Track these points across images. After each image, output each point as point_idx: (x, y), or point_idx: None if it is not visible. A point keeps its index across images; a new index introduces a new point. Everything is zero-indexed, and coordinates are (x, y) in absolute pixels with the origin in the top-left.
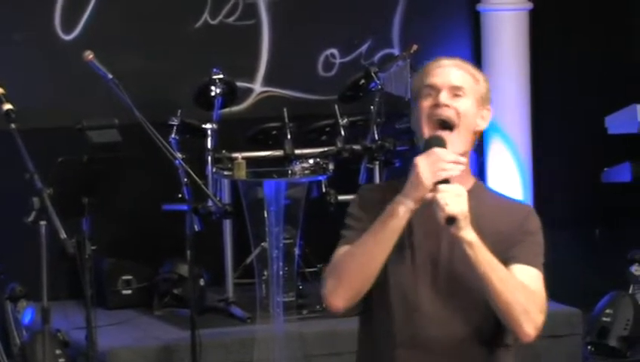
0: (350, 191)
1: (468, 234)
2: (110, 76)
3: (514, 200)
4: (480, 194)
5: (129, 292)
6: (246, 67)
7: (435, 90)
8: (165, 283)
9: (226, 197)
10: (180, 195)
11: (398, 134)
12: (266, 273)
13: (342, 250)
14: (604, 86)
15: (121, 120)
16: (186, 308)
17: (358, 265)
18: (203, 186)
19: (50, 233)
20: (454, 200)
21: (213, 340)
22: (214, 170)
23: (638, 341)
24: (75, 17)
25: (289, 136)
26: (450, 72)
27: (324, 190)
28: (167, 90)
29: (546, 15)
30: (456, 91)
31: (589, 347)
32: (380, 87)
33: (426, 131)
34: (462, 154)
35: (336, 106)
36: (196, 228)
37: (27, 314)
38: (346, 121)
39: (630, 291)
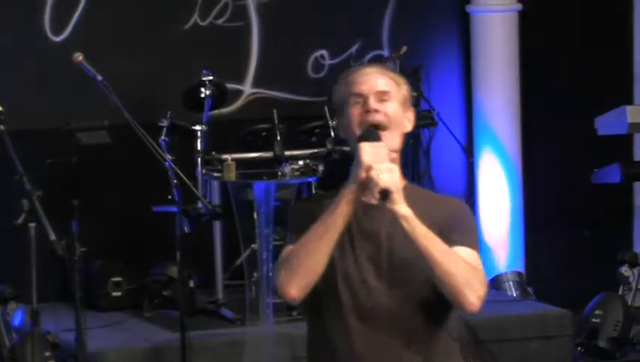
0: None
1: (402, 208)
2: (100, 78)
3: (445, 195)
4: (413, 192)
5: (119, 294)
6: (236, 69)
7: (363, 97)
8: (155, 285)
9: (216, 199)
10: (169, 197)
11: None
12: (255, 274)
13: (288, 249)
14: (593, 87)
15: (110, 121)
16: (175, 310)
17: (309, 251)
18: (193, 188)
19: (40, 235)
20: (387, 175)
21: (203, 342)
22: (204, 171)
23: (628, 342)
24: (65, 19)
25: (279, 138)
26: (374, 79)
27: (314, 191)
28: (156, 91)
29: (535, 16)
30: (382, 96)
31: (578, 348)
32: None
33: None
34: (391, 153)
35: (325, 108)
36: (186, 229)
37: (17, 316)
38: (335, 122)
39: (620, 292)
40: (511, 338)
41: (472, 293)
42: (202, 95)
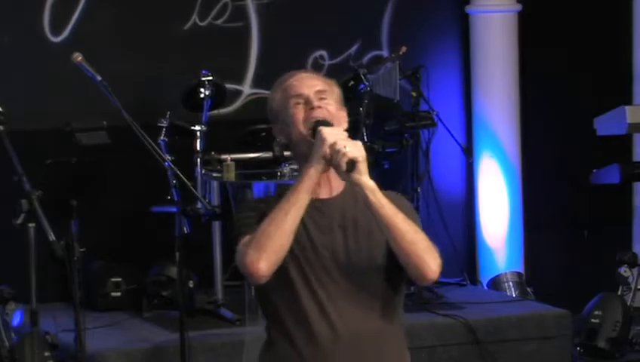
0: None
1: (368, 180)
2: (99, 78)
3: (388, 190)
4: (354, 191)
5: (118, 294)
6: (235, 69)
7: (304, 97)
8: (154, 285)
9: (215, 199)
10: (169, 197)
11: (386, 136)
12: None
13: (246, 238)
14: (592, 87)
15: (109, 122)
16: (175, 310)
17: (277, 227)
18: (192, 188)
19: (39, 235)
20: (354, 146)
21: (203, 342)
22: (203, 171)
23: (627, 342)
24: (64, 19)
25: (277, 139)
26: (311, 80)
27: None
28: (156, 91)
29: (534, 17)
30: (321, 95)
31: (577, 348)
32: (368, 88)
33: (305, 133)
34: None
35: None
36: (185, 230)
37: (16, 316)
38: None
39: (619, 292)
40: (510, 338)
41: (433, 261)
42: (201, 95)
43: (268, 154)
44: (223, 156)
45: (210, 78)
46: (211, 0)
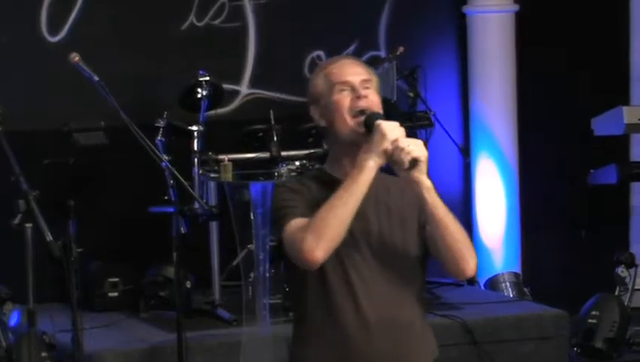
0: None
1: (426, 179)
2: (96, 78)
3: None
4: (381, 175)
5: (115, 294)
6: (232, 69)
7: (349, 84)
8: (151, 285)
9: (213, 200)
10: (166, 197)
11: None
12: (252, 275)
13: (298, 221)
14: (590, 87)
15: (107, 122)
16: (172, 311)
17: (336, 216)
18: (189, 188)
19: (36, 235)
20: (417, 146)
21: (200, 343)
22: (201, 172)
23: (624, 342)
24: (61, 19)
25: (275, 138)
26: (355, 67)
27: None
28: (153, 92)
29: (531, 17)
30: (365, 84)
31: (575, 348)
32: None
33: (350, 122)
34: None
35: None
36: (182, 230)
37: (13, 316)
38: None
39: (616, 293)
40: (507, 338)
41: (472, 259)
42: (199, 95)
43: (265, 155)
44: (221, 156)
45: (208, 78)
46: (209, 0)
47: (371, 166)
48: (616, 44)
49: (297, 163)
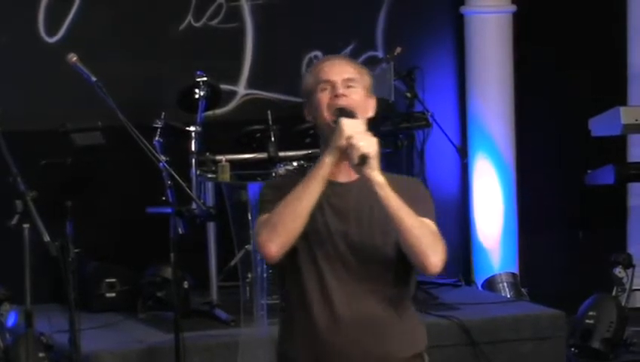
0: None
1: (378, 175)
2: (94, 79)
3: (406, 176)
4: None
5: (113, 295)
6: (230, 70)
7: (331, 83)
8: (149, 286)
9: (210, 200)
10: (163, 198)
11: (381, 137)
12: (250, 276)
13: (265, 217)
14: (587, 88)
15: (104, 122)
16: (169, 311)
17: (289, 211)
18: (187, 189)
19: (34, 236)
20: (367, 142)
21: (198, 343)
22: (198, 172)
23: (622, 343)
24: (59, 20)
25: (273, 139)
26: (341, 67)
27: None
28: (150, 92)
29: (529, 17)
30: (348, 83)
31: (572, 349)
32: None
33: (327, 119)
34: None
35: None
36: (180, 231)
37: (10, 317)
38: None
39: (613, 293)
40: (505, 339)
41: (436, 256)
42: (196, 96)
43: (263, 155)
44: (218, 157)
45: (205, 78)
46: (206, 1)
47: (326, 162)
48: (614, 45)
49: (295, 163)
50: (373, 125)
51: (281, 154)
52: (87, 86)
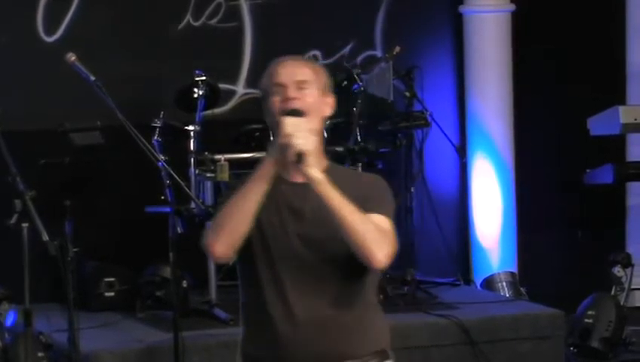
0: None
1: (315, 172)
2: (93, 78)
3: (365, 172)
4: (335, 171)
5: (112, 294)
6: (229, 69)
7: (282, 86)
8: (148, 285)
9: (209, 200)
10: (162, 197)
11: (380, 136)
12: None
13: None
14: (586, 87)
15: (103, 122)
16: (168, 311)
17: (233, 212)
18: (186, 188)
19: (33, 235)
20: (303, 140)
21: (197, 342)
22: (197, 172)
23: (621, 342)
24: (58, 19)
25: (272, 138)
26: (293, 69)
27: None
28: (149, 91)
29: (528, 16)
30: (300, 85)
31: (571, 348)
32: (362, 88)
33: (279, 122)
34: (314, 136)
35: None
36: (179, 230)
37: (9, 316)
38: (328, 122)
39: (612, 292)
40: (504, 338)
41: (379, 251)
42: (195, 95)
43: (262, 154)
44: (217, 156)
45: (204, 78)
46: (205, 0)
47: (267, 161)
48: (613, 44)
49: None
50: (372, 124)
51: None
52: (86, 85)
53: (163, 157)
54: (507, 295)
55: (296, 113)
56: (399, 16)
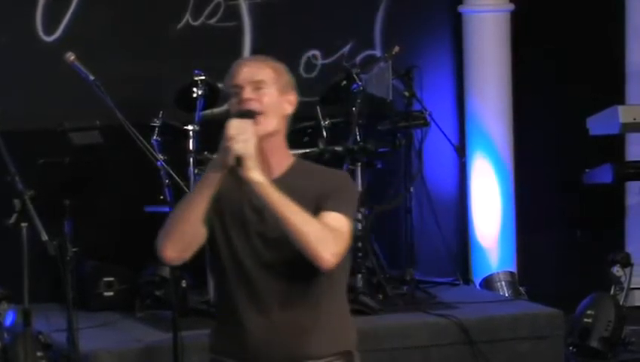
0: None
1: (255, 174)
2: (92, 78)
3: (333, 169)
4: (300, 167)
5: (111, 294)
6: (228, 69)
7: (239, 88)
8: (147, 285)
9: None
10: (161, 197)
11: (379, 136)
12: None
13: None
14: (585, 87)
15: (102, 121)
16: (168, 310)
17: (181, 216)
18: (185, 188)
19: (32, 235)
20: (241, 144)
21: (196, 342)
22: (196, 171)
23: (620, 342)
24: (57, 19)
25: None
26: (250, 69)
27: None
28: (148, 91)
29: (527, 16)
30: (257, 85)
31: (570, 348)
32: (361, 88)
33: None
34: (272, 135)
35: (318, 108)
36: None
37: (8, 316)
38: (327, 122)
39: (611, 292)
40: (503, 338)
41: (325, 251)
42: (194, 95)
43: None
44: (216, 156)
45: (203, 77)
46: (204, 0)
47: (213, 163)
48: (612, 43)
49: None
50: (371, 124)
51: None
52: (85, 85)
53: (162, 157)
54: (506, 294)
55: (251, 114)
56: (398, 16)
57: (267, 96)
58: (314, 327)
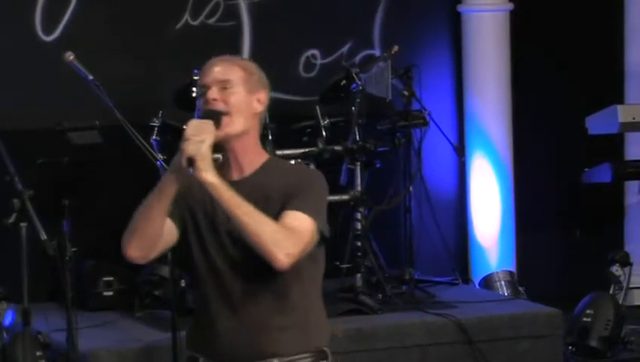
0: (331, 193)
1: (208, 176)
2: (91, 77)
3: (303, 166)
4: (272, 165)
5: (110, 293)
6: None
7: (206, 87)
8: (146, 284)
9: None
10: None
11: (379, 135)
12: None
13: None
14: (584, 86)
15: (101, 121)
16: (167, 310)
17: (143, 215)
18: None
19: (31, 234)
20: (194, 145)
21: None
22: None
23: (619, 341)
24: (56, 18)
25: (270, 137)
26: (216, 69)
27: None
28: (148, 91)
29: (526, 15)
30: (224, 85)
31: (570, 347)
32: (361, 87)
33: None
34: (241, 134)
35: (317, 107)
36: None
37: (7, 316)
38: (327, 121)
39: (611, 291)
40: (502, 337)
41: (279, 252)
42: (193, 95)
43: None
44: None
45: None
46: None
47: (172, 163)
48: (611, 43)
49: (292, 162)
50: (370, 124)
51: (279, 152)
52: (84, 85)
53: (162, 157)
54: (505, 294)
55: (216, 115)
56: (398, 16)
57: (234, 95)
58: (283, 325)
